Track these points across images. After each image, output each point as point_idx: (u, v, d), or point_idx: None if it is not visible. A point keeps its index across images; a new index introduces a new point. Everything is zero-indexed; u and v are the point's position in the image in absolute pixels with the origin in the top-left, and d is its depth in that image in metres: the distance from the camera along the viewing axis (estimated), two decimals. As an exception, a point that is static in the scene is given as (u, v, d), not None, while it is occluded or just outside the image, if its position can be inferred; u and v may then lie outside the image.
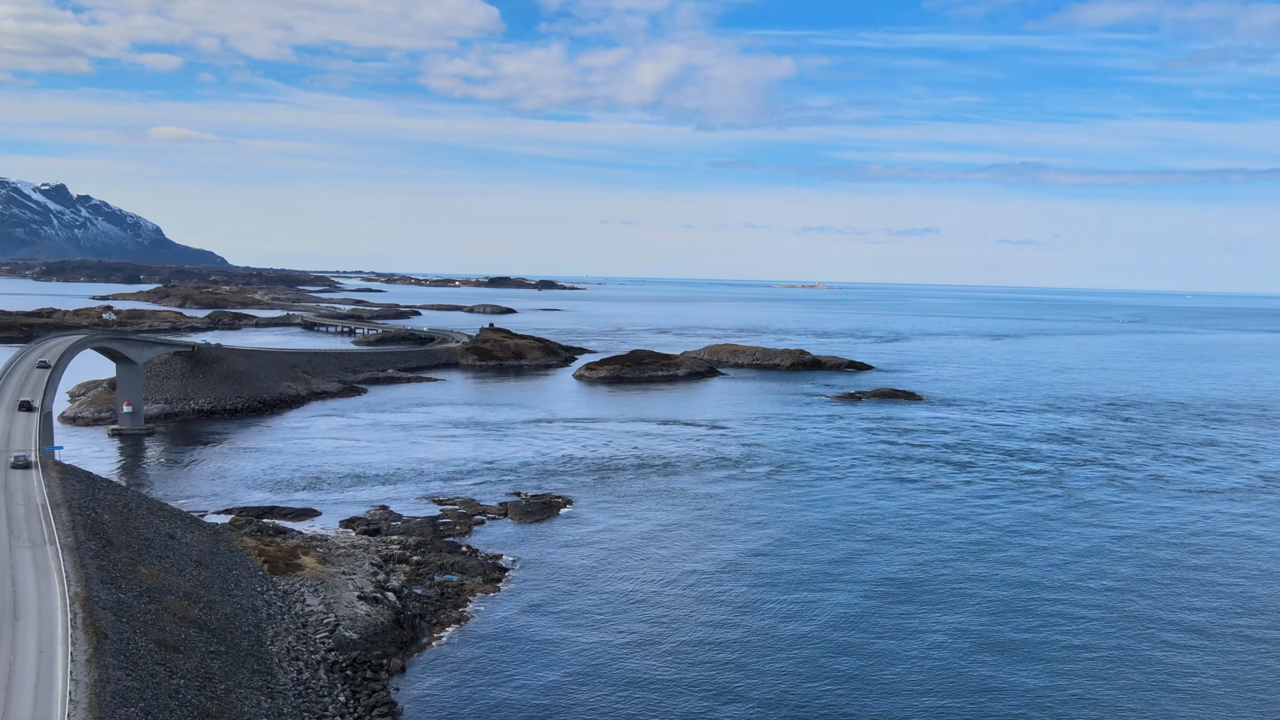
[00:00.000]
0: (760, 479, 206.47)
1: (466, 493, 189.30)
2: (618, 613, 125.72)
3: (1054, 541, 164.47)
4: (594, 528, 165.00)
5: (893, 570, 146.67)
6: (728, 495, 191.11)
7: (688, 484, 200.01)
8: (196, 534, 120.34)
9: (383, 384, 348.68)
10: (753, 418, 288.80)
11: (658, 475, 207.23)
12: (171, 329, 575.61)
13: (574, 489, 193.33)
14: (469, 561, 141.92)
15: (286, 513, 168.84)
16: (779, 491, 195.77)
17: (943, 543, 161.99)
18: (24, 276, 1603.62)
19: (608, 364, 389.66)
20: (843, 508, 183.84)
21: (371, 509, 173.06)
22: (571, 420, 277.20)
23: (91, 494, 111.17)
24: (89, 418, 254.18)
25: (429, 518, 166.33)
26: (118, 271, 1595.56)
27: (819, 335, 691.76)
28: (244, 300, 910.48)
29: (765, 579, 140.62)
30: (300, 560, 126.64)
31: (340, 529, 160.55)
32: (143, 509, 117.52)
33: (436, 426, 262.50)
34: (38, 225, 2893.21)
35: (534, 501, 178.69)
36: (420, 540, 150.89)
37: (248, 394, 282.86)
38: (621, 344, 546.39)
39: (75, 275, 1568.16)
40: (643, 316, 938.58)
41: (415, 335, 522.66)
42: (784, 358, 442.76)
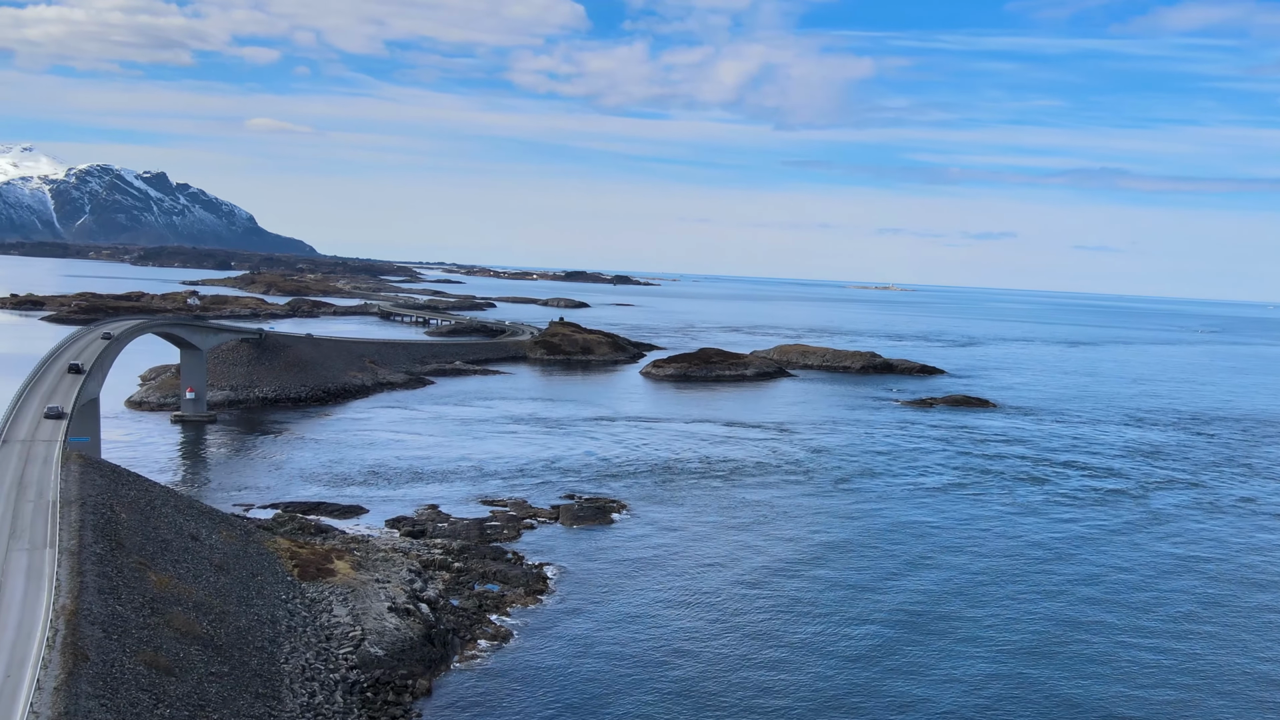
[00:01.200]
0: (825, 488, 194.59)
1: (519, 493, 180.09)
2: (661, 639, 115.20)
3: (1136, 570, 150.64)
4: (646, 538, 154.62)
5: (963, 595, 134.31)
6: (791, 506, 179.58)
7: (750, 492, 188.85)
8: (225, 534, 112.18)
9: (449, 376, 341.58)
10: (820, 422, 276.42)
11: (719, 481, 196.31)
12: (251, 315, 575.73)
13: (630, 493, 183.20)
14: (512, 570, 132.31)
15: (333, 510, 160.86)
16: (844, 503, 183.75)
17: (1016, 564, 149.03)
18: (123, 261, 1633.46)
19: (675, 362, 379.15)
20: (912, 523, 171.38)
21: (420, 509, 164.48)
22: (635, 419, 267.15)
23: (113, 490, 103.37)
24: (154, 403, 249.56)
25: (477, 520, 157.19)
26: (210, 258, 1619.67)
27: (891, 338, 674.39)
28: (326, 288, 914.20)
29: (827, 602, 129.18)
30: (333, 565, 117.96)
31: (385, 529, 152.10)
32: (169, 506, 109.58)
33: (497, 421, 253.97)
34: (139, 211, 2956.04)
35: (587, 506, 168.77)
36: (465, 545, 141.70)
37: (312, 383, 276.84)
38: (691, 341, 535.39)
39: (171, 260, 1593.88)
40: (714, 314, 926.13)
41: (486, 327, 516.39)
42: (854, 360, 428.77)
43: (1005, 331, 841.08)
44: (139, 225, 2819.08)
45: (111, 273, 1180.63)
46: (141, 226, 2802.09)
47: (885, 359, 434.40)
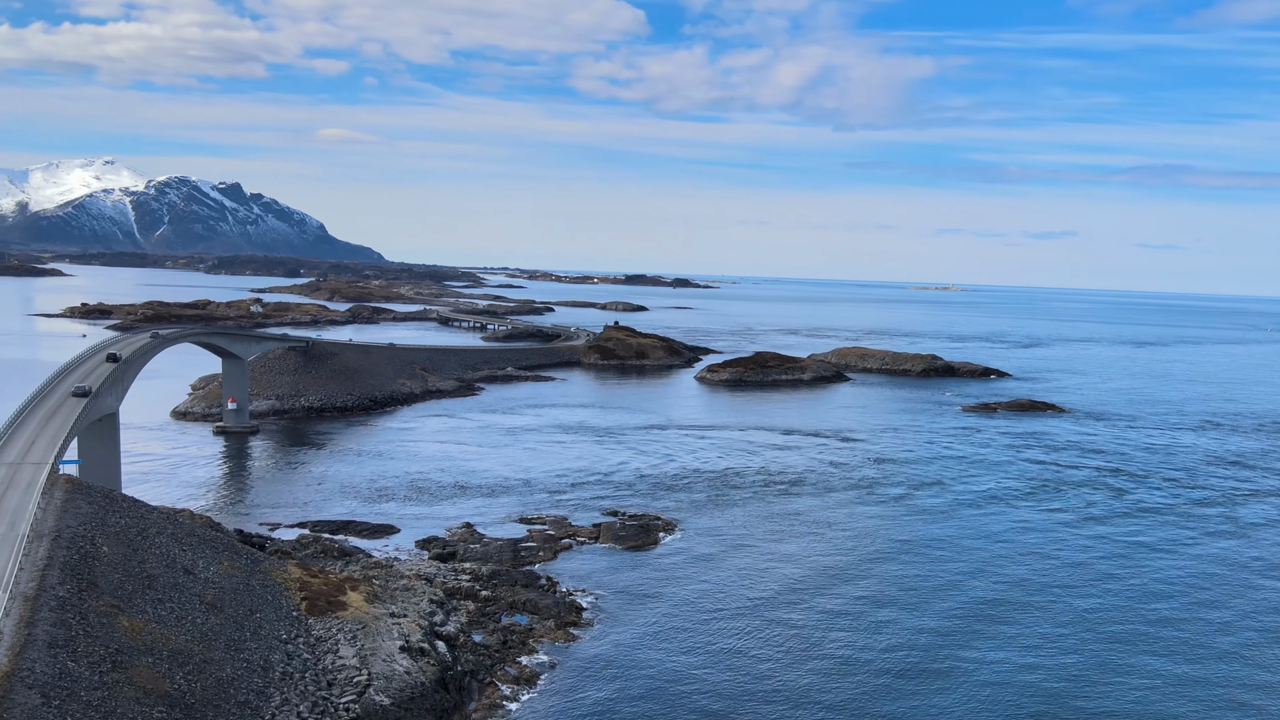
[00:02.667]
0: (888, 503, 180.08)
1: (560, 509, 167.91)
2: (703, 687, 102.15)
3: (1230, 598, 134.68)
4: (693, 562, 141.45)
5: (1043, 628, 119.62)
6: (852, 524, 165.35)
7: (807, 507, 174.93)
8: (227, 565, 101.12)
9: (500, 382, 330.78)
10: (881, 429, 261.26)
11: (774, 496, 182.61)
12: (311, 322, 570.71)
13: (678, 509, 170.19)
14: (543, 599, 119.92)
15: (362, 529, 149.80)
16: (909, 520, 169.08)
17: (1093, 583, 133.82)
18: (198, 270, 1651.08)
19: (730, 366, 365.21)
20: (982, 542, 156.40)
21: (453, 527, 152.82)
22: (687, 427, 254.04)
23: (99, 519, 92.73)
24: (199, 413, 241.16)
25: (511, 540, 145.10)
26: (280, 266, 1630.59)
27: (951, 339, 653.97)
28: (388, 294, 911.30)
29: (893, 635, 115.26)
30: (346, 597, 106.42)
31: (414, 551, 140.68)
32: (164, 535, 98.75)
33: (545, 431, 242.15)
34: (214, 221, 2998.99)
35: (631, 524, 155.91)
36: (495, 569, 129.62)
37: (359, 391, 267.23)
38: (749, 344, 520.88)
39: (242, 269, 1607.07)
40: (772, 316, 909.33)
41: (542, 332, 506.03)
42: (915, 363, 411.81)
43: (1068, 332, 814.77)
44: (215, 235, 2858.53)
45: (184, 281, 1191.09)
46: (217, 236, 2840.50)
47: (946, 361, 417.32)
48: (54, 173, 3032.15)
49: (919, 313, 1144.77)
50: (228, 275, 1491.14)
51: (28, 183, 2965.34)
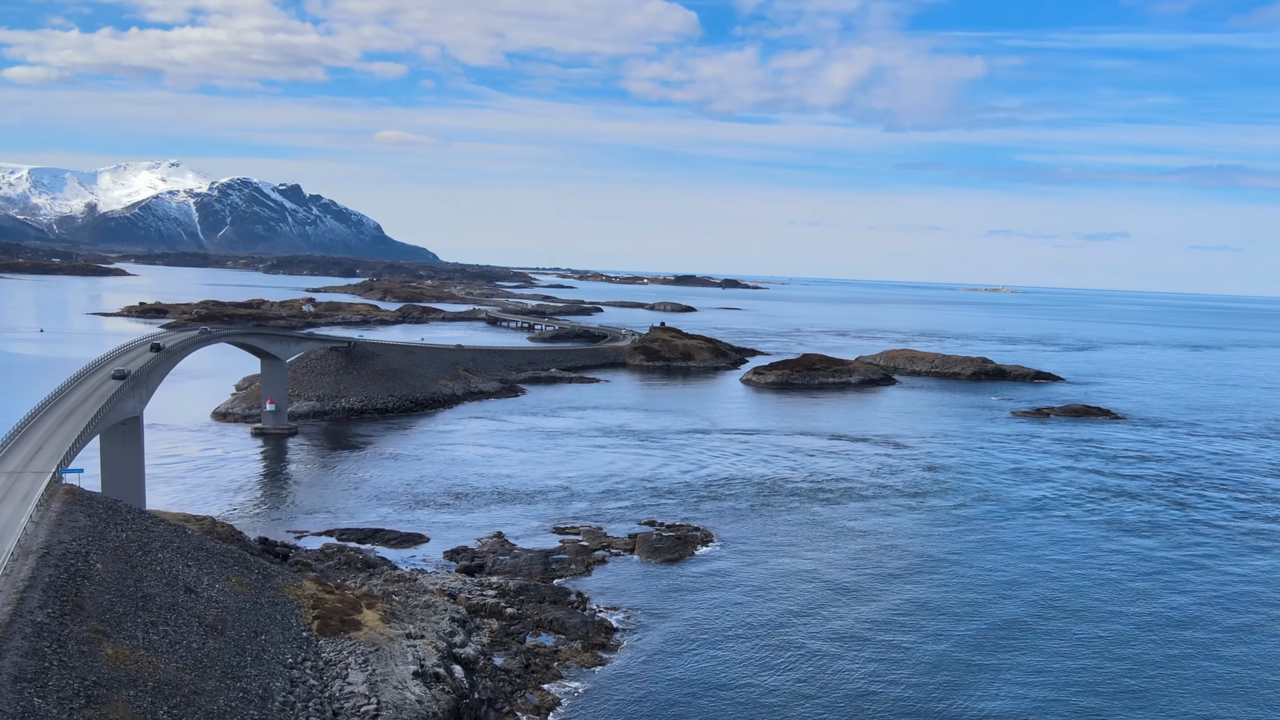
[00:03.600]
0: (939, 515, 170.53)
1: (596, 517, 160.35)
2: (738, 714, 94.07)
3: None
4: (731, 576, 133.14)
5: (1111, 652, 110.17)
6: (901, 537, 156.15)
7: (854, 517, 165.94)
8: (235, 581, 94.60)
9: (543, 384, 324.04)
10: (930, 435, 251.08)
11: (819, 505, 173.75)
12: (362, 321, 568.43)
13: (719, 519, 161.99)
14: (571, 618, 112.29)
15: (390, 538, 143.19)
16: (961, 534, 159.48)
17: (1162, 614, 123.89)
18: (257, 270, 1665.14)
19: (777, 369, 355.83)
20: (1040, 559, 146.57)
21: (484, 537, 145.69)
22: (731, 432, 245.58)
23: (97, 533, 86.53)
24: (239, 414, 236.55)
25: (543, 552, 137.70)
26: (337, 266, 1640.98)
27: (1002, 342, 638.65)
28: (440, 294, 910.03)
29: (943, 664, 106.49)
30: (361, 616, 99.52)
31: (441, 562, 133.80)
32: (169, 550, 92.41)
33: (586, 434, 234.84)
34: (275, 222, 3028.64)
35: (668, 535, 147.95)
36: (523, 584, 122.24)
37: (400, 393, 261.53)
38: (798, 346, 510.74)
39: (300, 269, 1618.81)
40: (821, 317, 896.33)
41: (589, 332, 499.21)
42: (964, 366, 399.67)
43: (1122, 334, 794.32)
44: (275, 235, 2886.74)
45: (243, 281, 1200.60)
46: (277, 236, 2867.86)
47: (997, 365, 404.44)
48: (122, 175, 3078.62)
49: (969, 314, 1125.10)
50: (286, 275, 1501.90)
51: (97, 184, 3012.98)
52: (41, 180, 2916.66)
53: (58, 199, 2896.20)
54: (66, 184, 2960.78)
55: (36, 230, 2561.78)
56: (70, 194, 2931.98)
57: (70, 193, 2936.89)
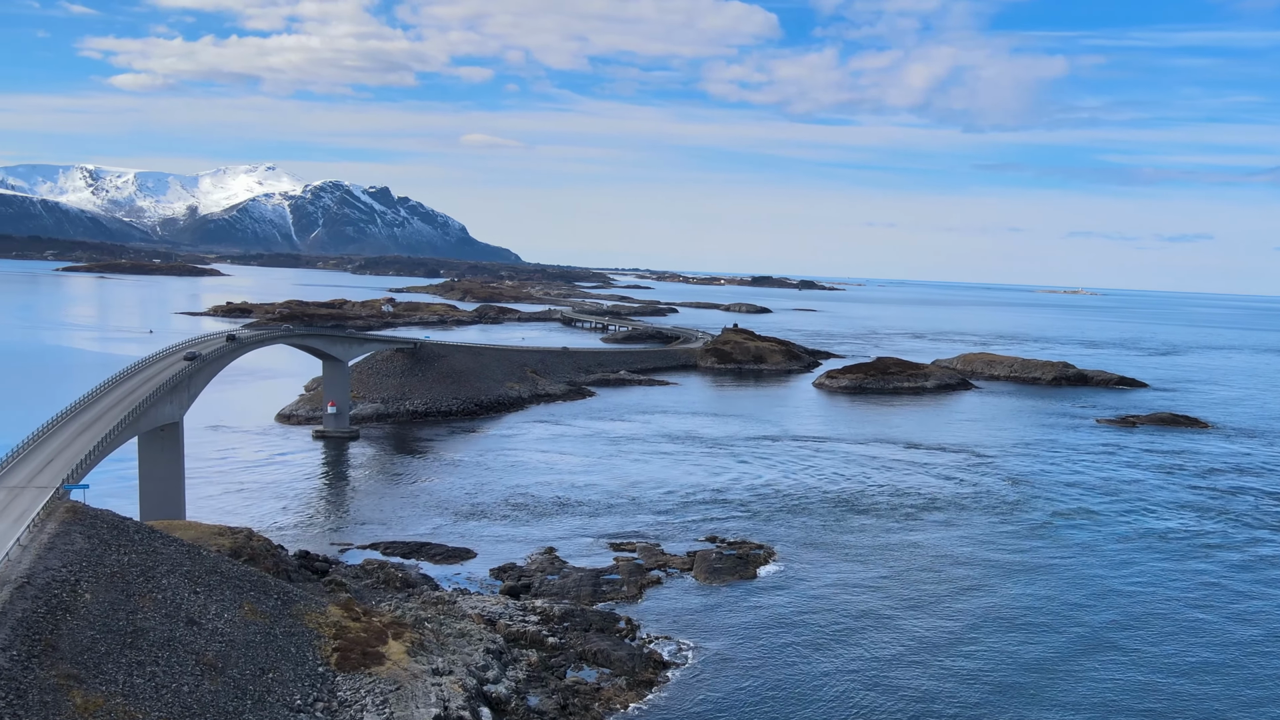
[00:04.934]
0: (1025, 535, 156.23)
1: (654, 531, 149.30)
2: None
3: None
4: (795, 602, 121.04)
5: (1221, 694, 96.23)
6: (984, 561, 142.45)
7: (932, 538, 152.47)
8: (247, 610, 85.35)
9: (612, 386, 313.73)
10: (1010, 445, 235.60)
11: (893, 522, 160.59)
12: (439, 321, 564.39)
13: (784, 535, 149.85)
14: (618, 650, 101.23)
15: (437, 552, 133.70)
16: (1052, 558, 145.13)
17: (1260, 644, 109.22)
18: (345, 270, 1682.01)
19: (850, 372, 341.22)
20: (1142, 588, 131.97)
21: (534, 553, 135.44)
22: (802, 439, 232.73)
23: (94, 558, 77.82)
24: (303, 416, 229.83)
25: (594, 571, 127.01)
26: (421, 266, 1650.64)
27: (1083, 345, 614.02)
28: (518, 295, 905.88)
29: (1035, 707, 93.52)
30: (386, 647, 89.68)
31: (486, 581, 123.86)
32: (176, 574, 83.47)
33: (651, 440, 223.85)
34: (364, 224, 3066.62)
35: (729, 554, 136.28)
36: (569, 608, 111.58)
37: (465, 395, 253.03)
38: (873, 348, 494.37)
39: (386, 270, 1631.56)
40: (897, 319, 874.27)
41: (661, 334, 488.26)
42: (1045, 370, 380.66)
43: (1207, 339, 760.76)
44: (364, 237, 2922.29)
45: (331, 281, 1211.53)
46: (366, 238, 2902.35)
47: (1079, 370, 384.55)
48: (221, 178, 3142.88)
49: (1047, 317, 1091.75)
50: (372, 275, 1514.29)
51: (197, 187, 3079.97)
52: (146, 184, 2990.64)
53: (161, 202, 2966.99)
54: (169, 187, 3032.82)
55: (141, 232, 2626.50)
56: (173, 197, 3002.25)
57: (173, 195, 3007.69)
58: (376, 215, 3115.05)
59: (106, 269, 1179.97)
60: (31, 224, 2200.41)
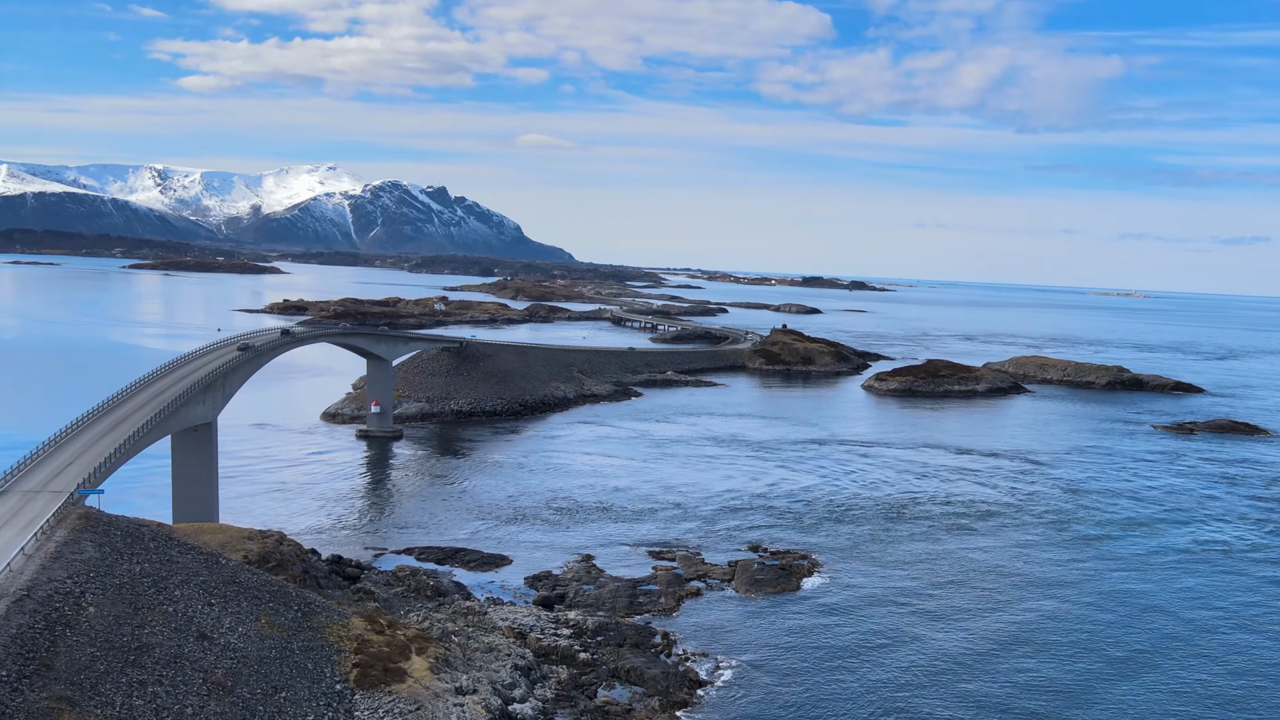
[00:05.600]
0: (1082, 547, 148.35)
1: (696, 539, 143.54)
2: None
3: None
4: (840, 616, 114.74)
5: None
6: (1040, 574, 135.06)
7: (984, 549, 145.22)
8: (264, 623, 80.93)
9: (659, 387, 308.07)
10: (1065, 451, 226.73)
11: (943, 532, 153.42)
12: (489, 320, 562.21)
13: (829, 544, 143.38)
14: (652, 667, 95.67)
15: (472, 559, 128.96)
16: (1112, 573, 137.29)
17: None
18: (402, 269, 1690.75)
19: (900, 375, 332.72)
20: (1205, 608, 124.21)
21: (571, 560, 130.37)
22: (850, 443, 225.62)
23: (103, 568, 73.76)
24: (347, 415, 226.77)
25: (631, 581, 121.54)
26: (476, 265, 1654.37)
27: (1137, 349, 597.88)
28: (569, 294, 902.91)
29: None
30: (409, 663, 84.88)
31: (519, 590, 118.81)
32: (191, 585, 79.27)
33: (696, 443, 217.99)
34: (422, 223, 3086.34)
35: (771, 565, 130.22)
36: (604, 621, 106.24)
37: (510, 395, 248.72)
38: (924, 350, 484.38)
39: (441, 268, 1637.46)
40: (949, 321, 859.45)
41: (710, 334, 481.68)
42: (1099, 375, 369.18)
43: (1266, 343, 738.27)
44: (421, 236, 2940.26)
45: (388, 279, 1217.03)
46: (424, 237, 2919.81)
47: (1134, 374, 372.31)
48: (284, 178, 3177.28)
49: (1101, 320, 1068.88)
50: (428, 274, 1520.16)
51: (261, 187, 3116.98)
52: (212, 183, 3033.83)
53: (226, 201, 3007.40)
54: (234, 187, 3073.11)
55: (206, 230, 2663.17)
56: (237, 196, 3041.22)
57: (237, 195, 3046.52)
58: (434, 215, 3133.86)
59: (171, 266, 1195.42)
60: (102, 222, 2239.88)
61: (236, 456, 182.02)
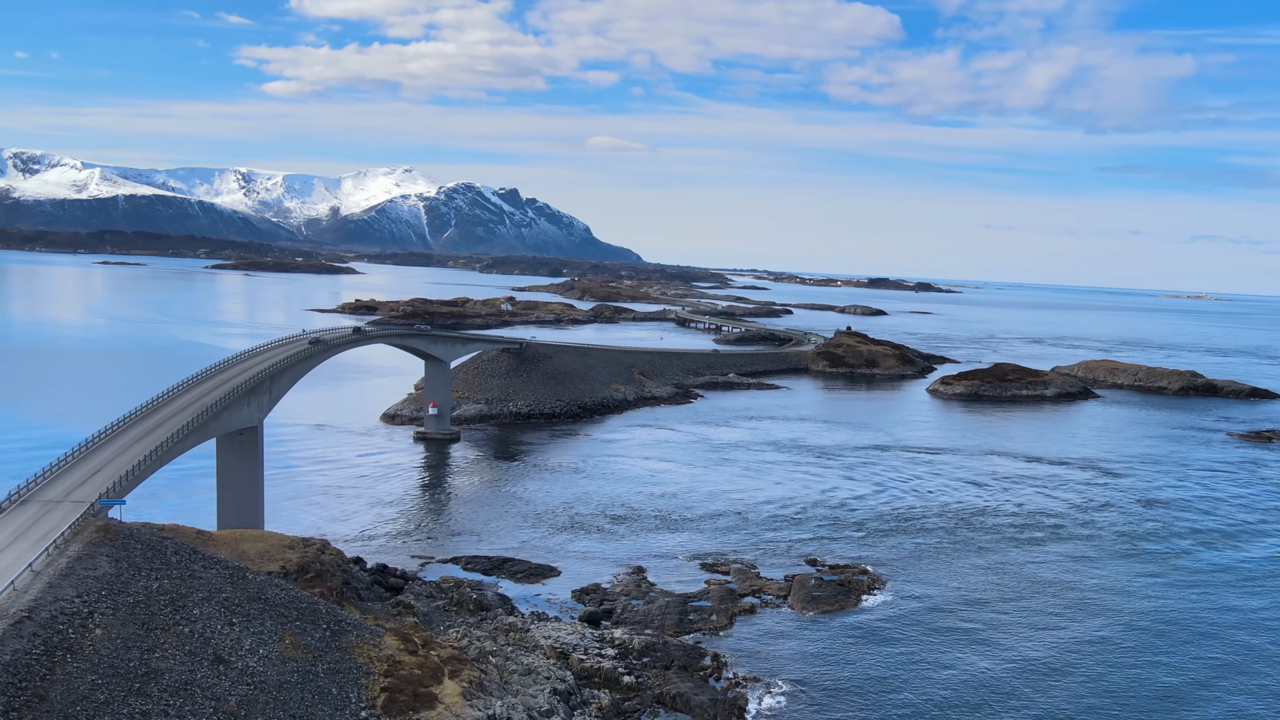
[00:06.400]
0: (1160, 564, 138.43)
1: (752, 550, 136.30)
2: None
3: None
4: (901, 639, 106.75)
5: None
6: (1116, 594, 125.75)
7: (1055, 566, 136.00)
8: (289, 643, 75.60)
9: (720, 389, 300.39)
10: (1138, 460, 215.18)
11: (1011, 547, 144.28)
12: (554, 320, 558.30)
13: (891, 558, 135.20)
14: (699, 694, 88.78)
15: (519, 570, 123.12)
16: (1193, 592, 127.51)
17: None
18: (473, 269, 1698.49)
19: (966, 379, 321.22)
20: None
21: (621, 572, 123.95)
22: (914, 450, 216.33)
23: (117, 585, 68.88)
24: (406, 416, 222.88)
25: (681, 597, 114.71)
26: (545, 266, 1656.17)
27: (1210, 353, 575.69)
28: (635, 295, 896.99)
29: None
30: (440, 688, 79.00)
31: (566, 604, 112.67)
32: (212, 603, 74.20)
33: (756, 448, 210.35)
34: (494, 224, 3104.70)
35: (829, 580, 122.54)
36: (650, 641, 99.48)
37: (569, 397, 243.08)
38: (990, 353, 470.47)
39: (512, 269, 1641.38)
40: (1016, 324, 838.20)
41: (774, 335, 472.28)
42: (1171, 380, 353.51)
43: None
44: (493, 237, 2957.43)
45: (459, 280, 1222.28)
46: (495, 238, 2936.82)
47: (1208, 379, 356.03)
48: (361, 180, 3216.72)
49: (1171, 322, 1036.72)
50: (498, 274, 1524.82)
51: (340, 189, 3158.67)
52: (293, 186, 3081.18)
53: (306, 203, 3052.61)
54: (314, 189, 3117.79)
55: (287, 232, 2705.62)
56: (317, 198, 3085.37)
57: (317, 197, 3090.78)
58: (505, 216, 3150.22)
59: (251, 266, 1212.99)
60: (189, 224, 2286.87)
61: (292, 457, 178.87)
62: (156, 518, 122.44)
